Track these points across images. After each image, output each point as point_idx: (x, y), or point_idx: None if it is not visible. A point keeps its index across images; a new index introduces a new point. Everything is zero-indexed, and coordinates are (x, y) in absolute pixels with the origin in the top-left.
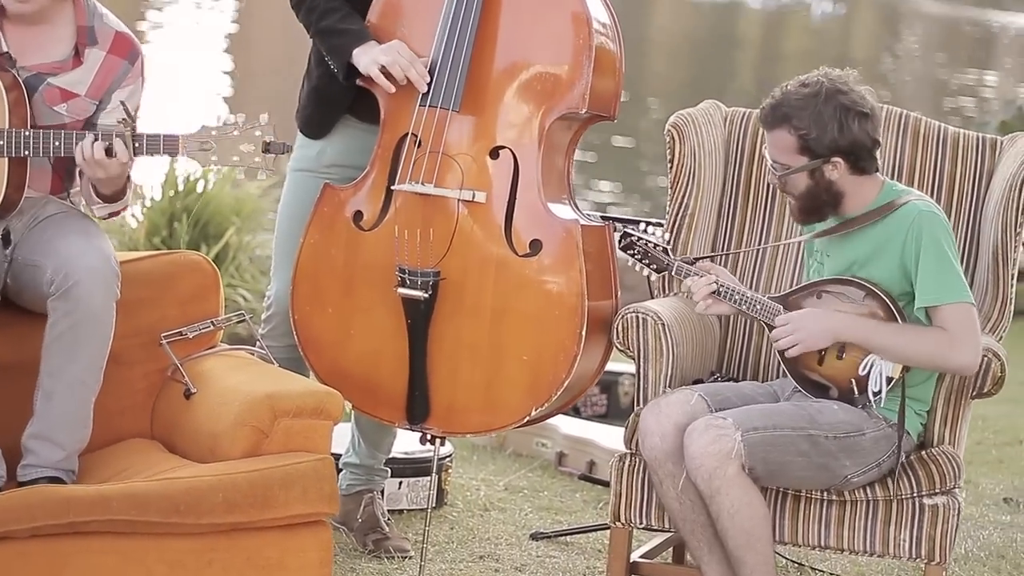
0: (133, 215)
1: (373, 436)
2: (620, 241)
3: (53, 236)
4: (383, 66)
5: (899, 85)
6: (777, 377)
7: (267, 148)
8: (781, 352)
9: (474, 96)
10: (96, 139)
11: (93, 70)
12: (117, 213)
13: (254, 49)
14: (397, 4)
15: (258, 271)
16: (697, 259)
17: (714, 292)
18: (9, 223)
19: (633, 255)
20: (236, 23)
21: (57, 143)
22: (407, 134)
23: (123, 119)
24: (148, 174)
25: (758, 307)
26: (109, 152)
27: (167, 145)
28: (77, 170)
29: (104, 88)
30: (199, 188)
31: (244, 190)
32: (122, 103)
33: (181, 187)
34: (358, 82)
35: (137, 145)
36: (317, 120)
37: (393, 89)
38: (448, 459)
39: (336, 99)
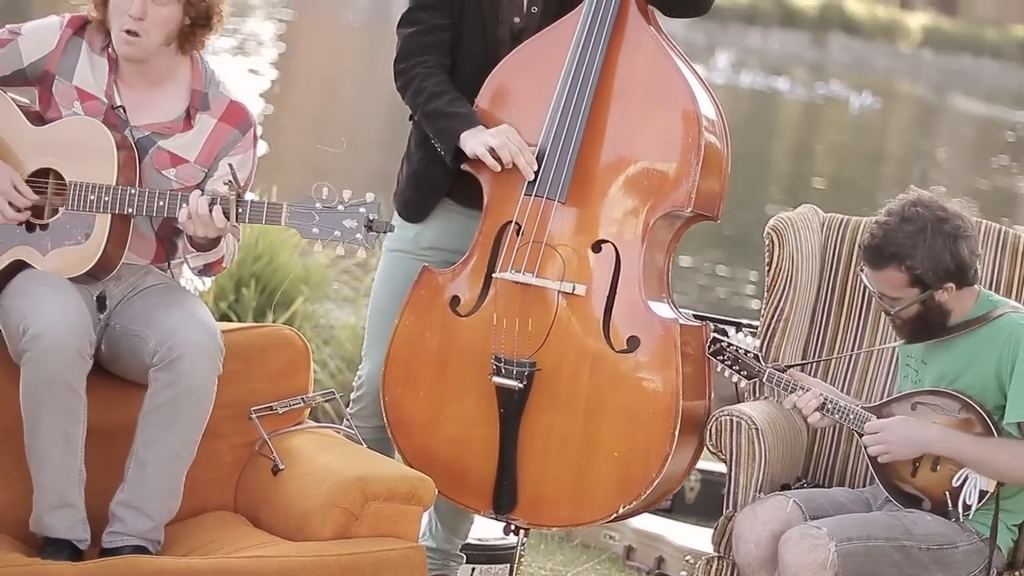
0: (202, 280)
1: (452, 521)
2: (710, 347)
3: (156, 306)
4: (492, 148)
5: (936, 182)
6: (866, 484)
7: (370, 226)
8: (872, 460)
9: (580, 188)
10: (213, 204)
11: (203, 136)
12: (212, 267)
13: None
14: (507, 90)
15: (321, 341)
16: (789, 367)
17: (819, 407)
18: (106, 288)
19: (723, 361)
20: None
21: (162, 203)
22: (510, 222)
23: (229, 181)
24: None
25: (852, 417)
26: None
27: (270, 213)
28: (178, 237)
29: (213, 155)
30: (268, 255)
31: (313, 259)
32: (230, 165)
33: (250, 253)
34: (464, 166)
35: (241, 211)
36: (416, 203)
37: (499, 168)
38: (521, 547)
39: (436, 183)
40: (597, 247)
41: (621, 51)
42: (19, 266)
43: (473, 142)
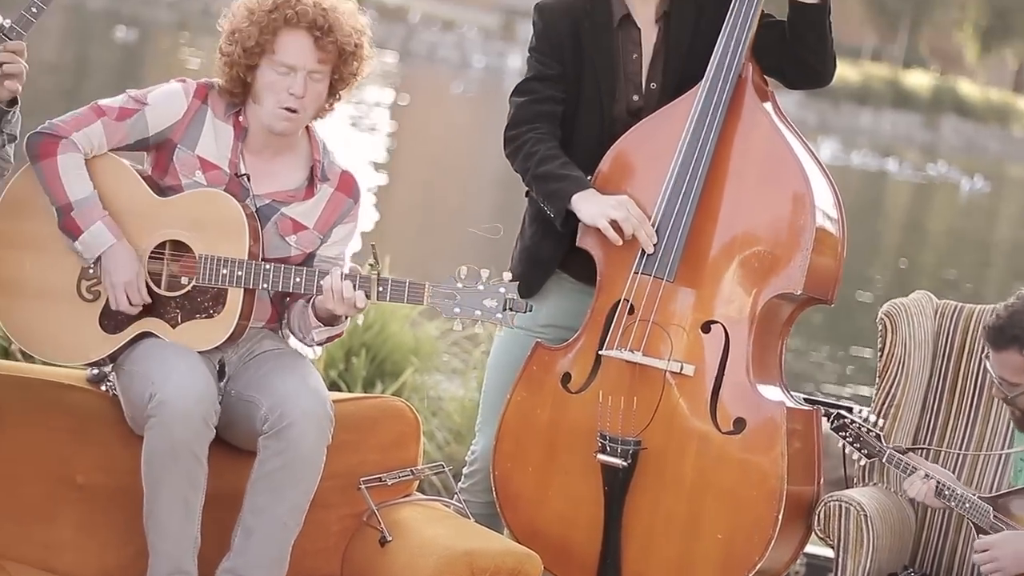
0: (313, 348)
1: None
2: (833, 422)
3: (269, 372)
4: (613, 220)
5: None
6: None
7: (508, 306)
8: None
9: (691, 267)
10: (355, 287)
11: (322, 204)
12: (335, 337)
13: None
14: (624, 165)
15: (430, 412)
16: (909, 449)
17: (936, 493)
18: (225, 354)
19: (845, 437)
20: None
21: (298, 279)
22: (621, 299)
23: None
24: None
25: (968, 506)
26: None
27: (412, 293)
28: (288, 300)
29: (329, 224)
30: (379, 325)
31: (423, 330)
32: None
33: (360, 321)
34: (577, 243)
35: (381, 290)
36: (528, 279)
37: (620, 242)
38: None
39: (547, 259)
40: (707, 327)
41: (736, 130)
42: (145, 337)
43: (593, 211)
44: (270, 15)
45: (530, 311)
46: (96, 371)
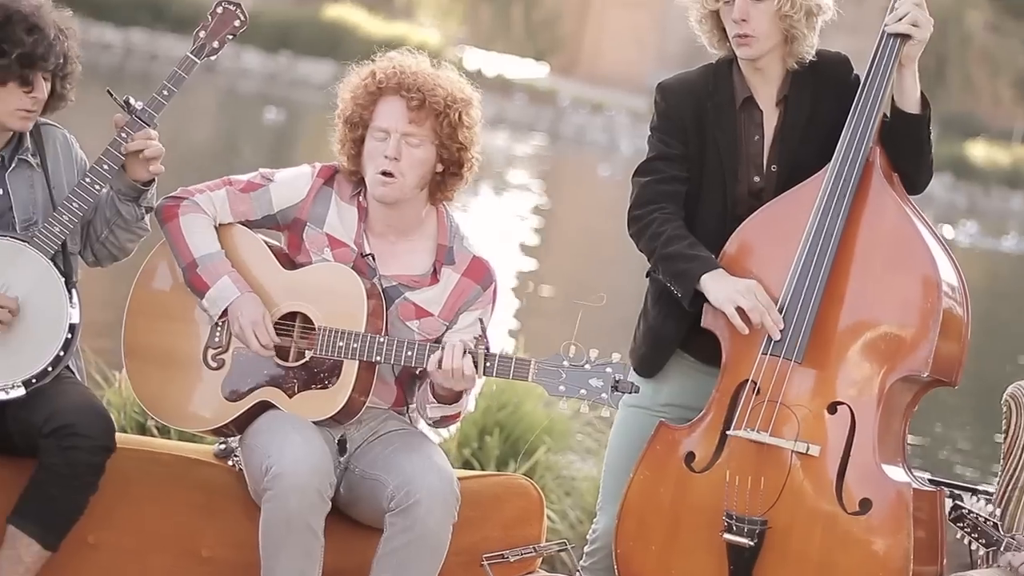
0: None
1: None
2: (951, 513)
3: (395, 452)
4: (740, 308)
5: None
6: None
7: (616, 386)
8: None
9: (818, 349)
10: (464, 352)
11: (447, 290)
12: (452, 419)
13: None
14: (751, 247)
15: (563, 491)
16: None
17: None
18: (347, 431)
19: (963, 527)
20: None
21: (410, 353)
22: (747, 380)
23: (479, 336)
24: None
25: None
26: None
27: (517, 369)
28: (417, 383)
29: (455, 310)
30: (513, 404)
31: (556, 410)
32: (479, 320)
33: (496, 401)
34: (702, 324)
35: (488, 365)
36: (651, 360)
37: (747, 331)
38: None
39: (670, 339)
40: (833, 408)
41: (864, 213)
42: (264, 406)
43: (720, 296)
44: (366, 87)
45: (636, 392)
46: (223, 446)
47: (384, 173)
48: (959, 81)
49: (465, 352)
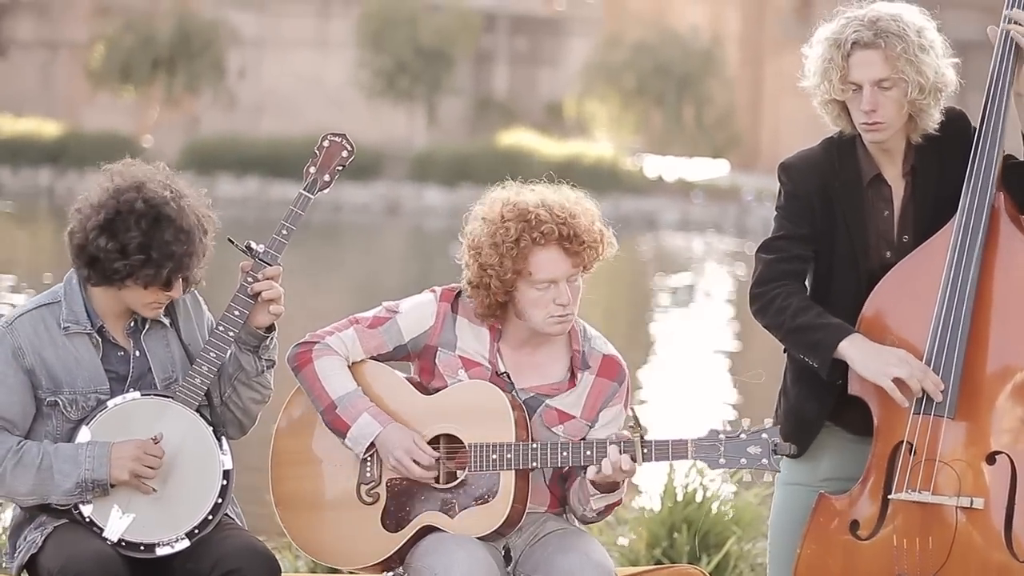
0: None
1: None
2: None
3: (554, 553)
4: (897, 377)
5: None
6: None
7: (775, 450)
8: None
9: (967, 401)
10: (621, 451)
11: (585, 392)
12: (614, 506)
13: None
14: (887, 310)
15: None
16: None
17: None
18: (509, 540)
19: None
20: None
21: (565, 453)
22: (902, 442)
23: (633, 425)
24: (646, 485)
25: None
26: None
27: (675, 450)
28: (567, 481)
29: (596, 409)
30: (698, 498)
31: (742, 499)
32: (632, 409)
33: (680, 497)
34: (849, 391)
35: (646, 451)
36: (797, 439)
37: (907, 404)
38: None
39: (814, 419)
40: (991, 459)
41: (996, 259)
42: (427, 531)
43: (873, 368)
44: (518, 245)
45: (795, 455)
46: (391, 574)
47: (561, 316)
48: None
49: (622, 443)
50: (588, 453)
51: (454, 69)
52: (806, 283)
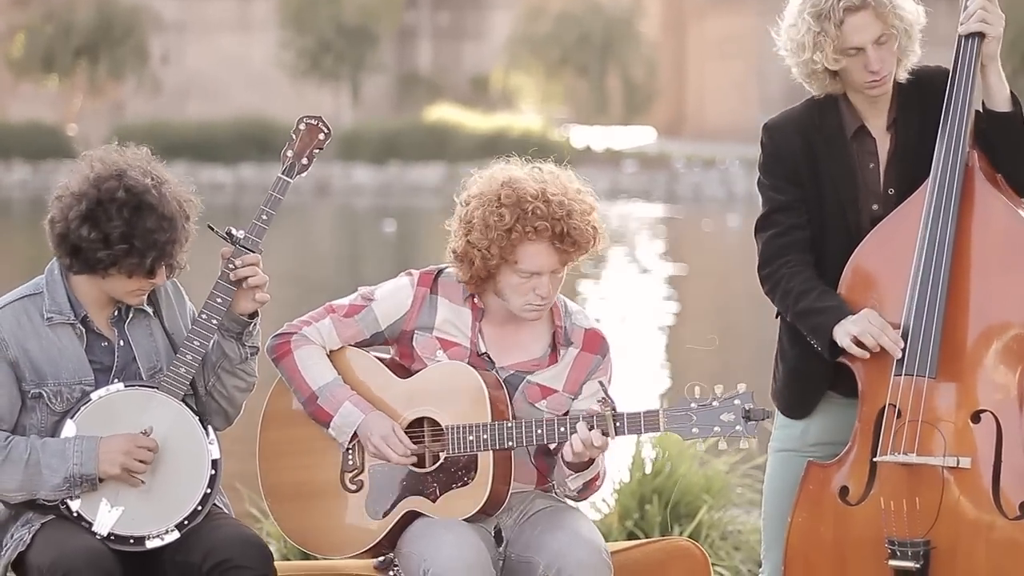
0: (604, 500)
1: None
2: None
3: (543, 531)
4: (853, 336)
5: None
6: None
7: (748, 416)
8: None
9: (950, 361)
10: (591, 427)
11: (568, 367)
12: (593, 483)
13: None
14: (866, 274)
15: (731, 547)
16: None
17: None
18: (500, 520)
19: None
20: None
21: (540, 431)
22: (886, 405)
23: (603, 399)
24: (615, 458)
25: None
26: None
27: (647, 422)
28: (554, 459)
29: (579, 382)
30: (667, 469)
31: (712, 467)
32: (600, 383)
33: (649, 469)
34: (840, 358)
35: (618, 425)
36: (799, 401)
37: (867, 356)
38: None
39: (817, 378)
40: (976, 417)
41: (973, 218)
42: (412, 516)
43: (839, 333)
44: (509, 235)
45: (769, 418)
46: (382, 558)
47: (537, 305)
48: None
49: (593, 419)
50: (562, 430)
51: (378, 46)
52: (807, 249)
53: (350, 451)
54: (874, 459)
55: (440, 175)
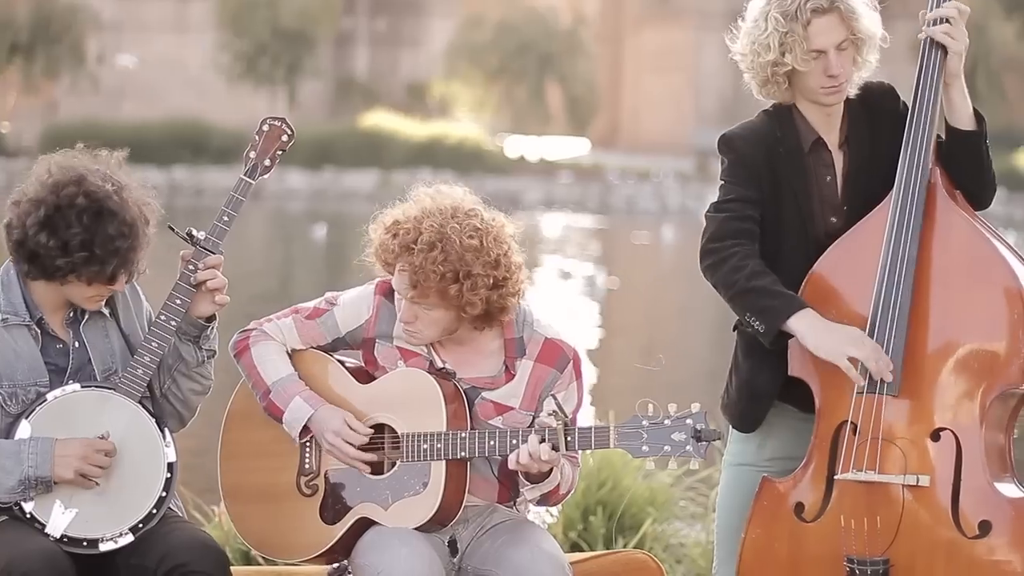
0: (548, 510)
1: None
2: None
3: (504, 545)
4: (851, 357)
5: None
6: None
7: (699, 436)
8: None
9: (910, 378)
10: (543, 440)
11: (524, 382)
12: (553, 494)
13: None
14: (829, 281)
15: (674, 560)
16: None
17: None
18: (456, 532)
19: None
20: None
21: (492, 442)
22: (845, 422)
23: (554, 412)
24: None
25: None
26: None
27: (598, 438)
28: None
29: (536, 397)
30: (611, 481)
31: (656, 479)
32: (553, 396)
33: (593, 480)
34: (790, 373)
35: (569, 439)
36: (750, 414)
37: (863, 381)
38: None
39: (767, 392)
40: (935, 435)
41: (934, 235)
42: (364, 523)
43: (828, 347)
44: (388, 250)
45: (719, 439)
46: (336, 565)
47: (407, 331)
48: (993, 94)
49: (545, 431)
50: (514, 442)
51: (315, 51)
52: (756, 249)
53: (307, 455)
54: (835, 477)
55: (374, 181)
